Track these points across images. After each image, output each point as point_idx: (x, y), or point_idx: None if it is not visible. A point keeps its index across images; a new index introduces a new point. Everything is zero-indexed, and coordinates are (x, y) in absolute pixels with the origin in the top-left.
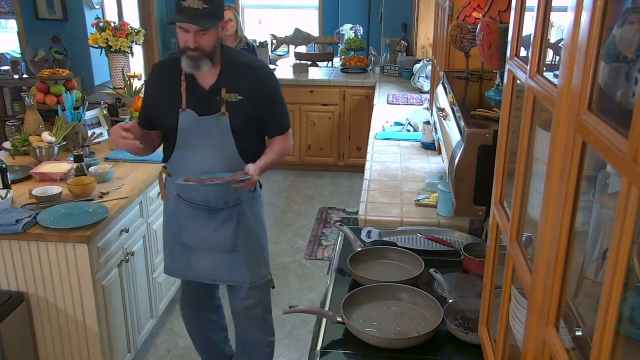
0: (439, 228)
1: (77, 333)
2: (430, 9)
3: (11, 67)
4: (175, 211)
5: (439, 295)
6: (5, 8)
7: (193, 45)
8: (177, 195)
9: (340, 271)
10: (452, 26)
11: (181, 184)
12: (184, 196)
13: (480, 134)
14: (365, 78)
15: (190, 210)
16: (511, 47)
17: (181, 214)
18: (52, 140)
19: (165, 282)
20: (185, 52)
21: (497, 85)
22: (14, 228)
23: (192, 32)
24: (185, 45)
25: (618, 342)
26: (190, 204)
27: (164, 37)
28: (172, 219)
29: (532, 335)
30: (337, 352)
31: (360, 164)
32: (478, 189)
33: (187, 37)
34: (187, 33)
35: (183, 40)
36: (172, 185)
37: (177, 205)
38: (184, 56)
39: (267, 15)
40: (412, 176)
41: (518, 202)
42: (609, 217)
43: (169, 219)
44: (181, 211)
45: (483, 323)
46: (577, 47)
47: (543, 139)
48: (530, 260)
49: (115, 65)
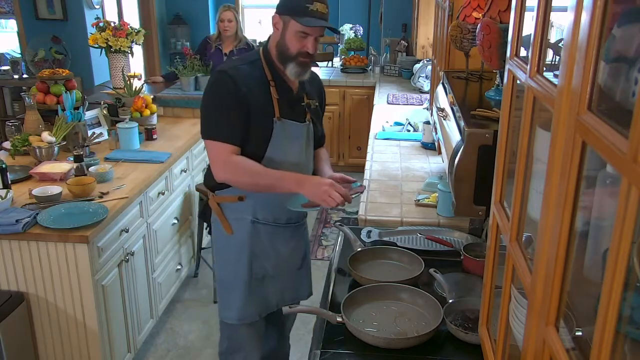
0: (439, 228)
1: (77, 333)
2: (430, 9)
3: (11, 67)
4: (248, 239)
5: (439, 295)
6: (5, 8)
7: (312, 51)
8: (254, 220)
9: (340, 271)
10: (452, 26)
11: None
12: (265, 218)
13: (480, 134)
14: (365, 78)
15: (271, 233)
16: (511, 47)
17: (257, 240)
18: (52, 140)
19: (165, 282)
20: (296, 58)
21: (497, 85)
22: (14, 228)
23: (312, 38)
24: (301, 51)
25: (618, 342)
26: (273, 225)
27: (164, 37)
28: (241, 251)
29: (532, 335)
30: (337, 352)
31: (360, 164)
32: (478, 189)
33: (306, 42)
34: (306, 38)
35: (300, 45)
36: (245, 209)
37: (253, 232)
38: (294, 62)
39: (267, 15)
40: (412, 176)
41: (518, 202)
42: (609, 217)
43: (238, 252)
44: (258, 236)
45: (483, 323)
46: (577, 47)
47: (543, 139)
48: (530, 260)
49: (115, 65)
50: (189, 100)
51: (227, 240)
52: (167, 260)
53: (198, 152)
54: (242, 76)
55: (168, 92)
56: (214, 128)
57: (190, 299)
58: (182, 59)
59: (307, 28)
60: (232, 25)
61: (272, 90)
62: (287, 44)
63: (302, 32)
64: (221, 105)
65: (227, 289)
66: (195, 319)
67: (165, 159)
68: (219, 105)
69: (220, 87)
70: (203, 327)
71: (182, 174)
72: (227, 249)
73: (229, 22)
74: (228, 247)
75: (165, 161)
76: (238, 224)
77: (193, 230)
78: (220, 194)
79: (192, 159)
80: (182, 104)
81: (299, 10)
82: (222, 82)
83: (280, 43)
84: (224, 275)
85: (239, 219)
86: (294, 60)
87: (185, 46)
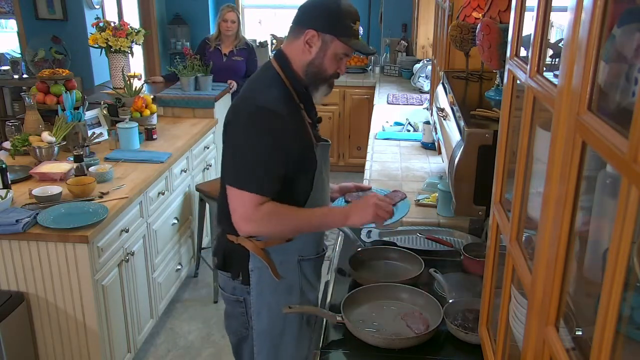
0: (439, 228)
1: (77, 333)
2: (430, 9)
3: (11, 67)
4: (298, 280)
5: (439, 295)
6: (5, 8)
7: (343, 72)
8: (300, 259)
9: (340, 271)
10: (452, 26)
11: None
12: (310, 253)
13: (480, 134)
14: (365, 78)
15: (313, 266)
16: (511, 47)
17: (304, 279)
18: (52, 140)
19: (165, 282)
20: (330, 79)
21: (497, 85)
22: (14, 228)
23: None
24: (336, 72)
25: (618, 342)
26: (316, 258)
27: (164, 37)
28: (291, 295)
29: (532, 335)
30: (337, 352)
31: (360, 164)
32: (478, 189)
33: (343, 64)
34: (344, 59)
35: (336, 66)
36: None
37: (300, 271)
38: (326, 84)
39: (267, 15)
40: (412, 176)
41: (518, 202)
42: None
43: (287, 296)
44: (305, 274)
45: (483, 323)
46: (577, 47)
47: (543, 139)
48: (530, 260)
49: (115, 65)
50: (189, 100)
51: (272, 287)
52: (167, 260)
53: (198, 152)
54: (284, 109)
55: (168, 92)
56: (248, 177)
57: (190, 299)
58: (182, 59)
59: (350, 50)
60: (235, 26)
61: (304, 115)
62: (325, 65)
63: (344, 53)
64: (262, 149)
65: (276, 341)
66: (195, 319)
67: (165, 159)
68: (259, 149)
69: (264, 128)
70: (203, 327)
71: (182, 174)
72: (274, 297)
73: (232, 22)
74: (275, 295)
75: (165, 161)
76: (284, 267)
77: (193, 230)
78: (264, 238)
79: (192, 159)
80: (182, 104)
81: (345, 30)
82: (267, 122)
83: (314, 63)
84: (270, 327)
85: (284, 261)
86: (327, 82)
87: (185, 46)
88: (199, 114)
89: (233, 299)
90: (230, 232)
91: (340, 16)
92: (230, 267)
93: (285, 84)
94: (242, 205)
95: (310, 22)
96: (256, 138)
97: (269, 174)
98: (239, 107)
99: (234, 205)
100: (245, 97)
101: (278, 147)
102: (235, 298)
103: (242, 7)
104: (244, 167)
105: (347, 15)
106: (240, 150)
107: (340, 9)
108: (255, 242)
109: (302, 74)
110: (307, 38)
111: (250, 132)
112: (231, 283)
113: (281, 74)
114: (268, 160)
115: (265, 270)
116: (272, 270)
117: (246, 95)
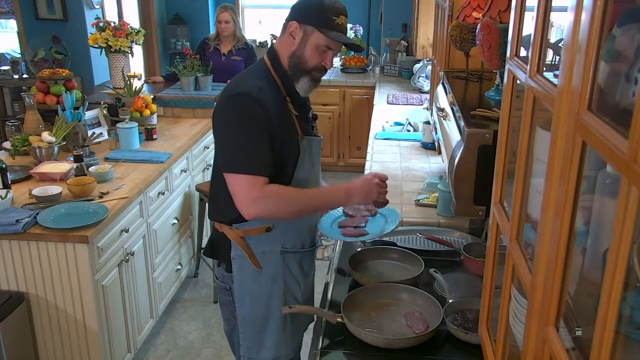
0: (439, 228)
1: (77, 333)
2: (430, 9)
3: (11, 67)
4: (281, 272)
5: (439, 295)
6: (5, 8)
7: (330, 67)
8: (283, 250)
9: (340, 271)
10: (452, 26)
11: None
12: (294, 246)
13: (480, 134)
14: (365, 78)
15: (299, 260)
16: (511, 47)
17: (288, 271)
18: (52, 140)
19: (165, 282)
20: (311, 72)
21: (497, 85)
22: (14, 228)
23: (332, 52)
24: (320, 65)
25: (618, 342)
26: (302, 251)
27: (164, 37)
28: (273, 286)
29: (532, 335)
30: (337, 352)
31: (360, 164)
32: (478, 189)
33: (326, 57)
34: (326, 52)
35: (320, 59)
36: (273, 240)
37: (283, 263)
38: (307, 77)
39: (267, 15)
40: (412, 176)
41: (518, 202)
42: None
43: (269, 288)
44: (288, 267)
45: (483, 323)
46: (577, 47)
47: (543, 139)
48: (530, 260)
49: (115, 65)
50: (189, 100)
51: (254, 276)
52: (167, 260)
53: (198, 152)
54: (266, 96)
55: (168, 92)
56: (241, 160)
57: (190, 299)
58: (182, 59)
59: (332, 42)
60: (230, 26)
61: (290, 107)
62: (306, 56)
63: (325, 45)
64: (249, 132)
65: (259, 329)
66: (195, 319)
67: (165, 159)
68: (246, 132)
69: (246, 112)
70: (203, 327)
71: (182, 174)
72: (256, 286)
73: (226, 23)
74: (256, 284)
75: (165, 161)
76: (266, 257)
77: (193, 230)
78: (242, 226)
79: (192, 159)
80: (182, 104)
81: (325, 21)
82: (248, 106)
83: (296, 54)
84: (253, 314)
85: (266, 252)
86: (308, 75)
87: (185, 46)
88: (199, 114)
89: (222, 286)
90: (217, 220)
91: (322, 8)
92: (216, 255)
93: (273, 77)
94: (241, 188)
95: (294, 15)
96: (240, 121)
97: (260, 155)
98: (221, 96)
99: (234, 190)
100: (227, 87)
101: (263, 130)
102: (224, 285)
103: (242, 7)
104: (235, 151)
105: (329, 8)
106: (232, 137)
107: (323, 2)
108: (236, 230)
109: (286, 66)
110: (291, 30)
111: (236, 117)
112: (221, 271)
113: (270, 68)
114: (257, 142)
115: (245, 258)
116: (250, 259)
117: (229, 86)
